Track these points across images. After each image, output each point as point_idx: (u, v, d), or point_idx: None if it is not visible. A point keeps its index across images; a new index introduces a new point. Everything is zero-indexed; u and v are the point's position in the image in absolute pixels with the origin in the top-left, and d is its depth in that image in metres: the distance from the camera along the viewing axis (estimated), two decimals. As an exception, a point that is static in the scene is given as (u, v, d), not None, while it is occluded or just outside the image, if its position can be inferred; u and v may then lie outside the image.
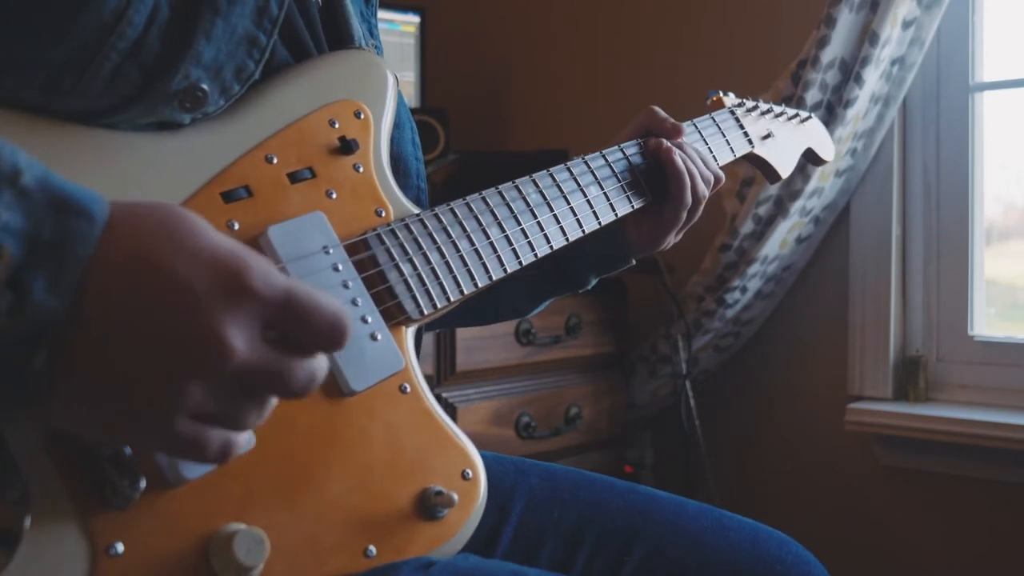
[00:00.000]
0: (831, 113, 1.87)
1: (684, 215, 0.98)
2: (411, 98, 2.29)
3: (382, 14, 2.21)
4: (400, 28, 2.28)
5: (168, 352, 0.50)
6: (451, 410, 1.75)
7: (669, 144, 0.98)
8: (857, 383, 2.03)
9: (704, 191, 0.99)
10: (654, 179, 0.98)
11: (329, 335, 0.54)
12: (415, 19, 2.30)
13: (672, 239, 1.01)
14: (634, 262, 1.03)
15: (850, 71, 1.84)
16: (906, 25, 1.84)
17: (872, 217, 2.01)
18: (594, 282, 1.05)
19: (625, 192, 0.95)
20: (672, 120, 1.01)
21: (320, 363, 0.55)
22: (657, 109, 1.02)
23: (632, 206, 0.96)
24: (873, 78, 1.84)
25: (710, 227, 1.83)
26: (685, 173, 0.97)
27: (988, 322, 2.00)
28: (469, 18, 2.59)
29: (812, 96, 1.85)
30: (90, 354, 0.50)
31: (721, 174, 1.03)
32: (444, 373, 1.75)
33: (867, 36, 1.80)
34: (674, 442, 2.17)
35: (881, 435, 1.98)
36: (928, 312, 2.02)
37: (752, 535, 0.90)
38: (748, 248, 1.97)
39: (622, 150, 0.98)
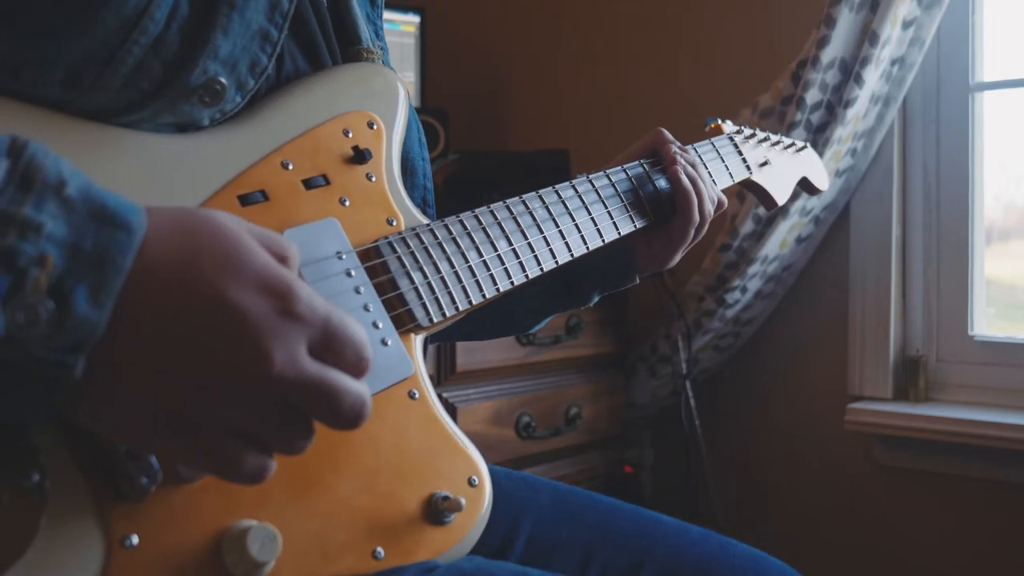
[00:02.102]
0: (831, 113, 1.87)
1: (692, 232, 1.00)
2: (411, 98, 2.28)
3: (382, 14, 2.22)
4: (400, 28, 2.28)
5: (212, 369, 0.51)
6: (451, 410, 1.75)
7: (677, 162, 0.99)
8: (857, 383, 2.03)
9: (710, 210, 1.01)
10: (657, 199, 0.99)
11: (356, 364, 0.55)
12: (415, 19, 2.30)
13: (678, 257, 1.03)
14: (638, 280, 1.05)
15: (850, 71, 1.84)
16: (906, 25, 1.84)
17: (872, 217, 2.01)
18: (597, 299, 1.06)
19: (628, 211, 0.96)
20: (679, 144, 1.03)
21: (364, 389, 0.55)
22: (664, 131, 1.03)
23: (635, 225, 0.97)
24: (873, 78, 1.84)
25: (710, 227, 1.82)
26: (692, 190, 0.98)
27: (988, 322, 2.00)
28: (469, 18, 2.59)
29: (812, 96, 1.85)
30: (129, 364, 0.50)
31: (724, 198, 1.05)
32: (444, 373, 1.75)
33: (867, 36, 1.80)
34: (674, 442, 2.17)
35: (881, 435, 1.98)
36: (928, 312, 2.02)
37: (756, 564, 0.91)
38: (748, 248, 1.98)
39: (625, 170, 0.98)
